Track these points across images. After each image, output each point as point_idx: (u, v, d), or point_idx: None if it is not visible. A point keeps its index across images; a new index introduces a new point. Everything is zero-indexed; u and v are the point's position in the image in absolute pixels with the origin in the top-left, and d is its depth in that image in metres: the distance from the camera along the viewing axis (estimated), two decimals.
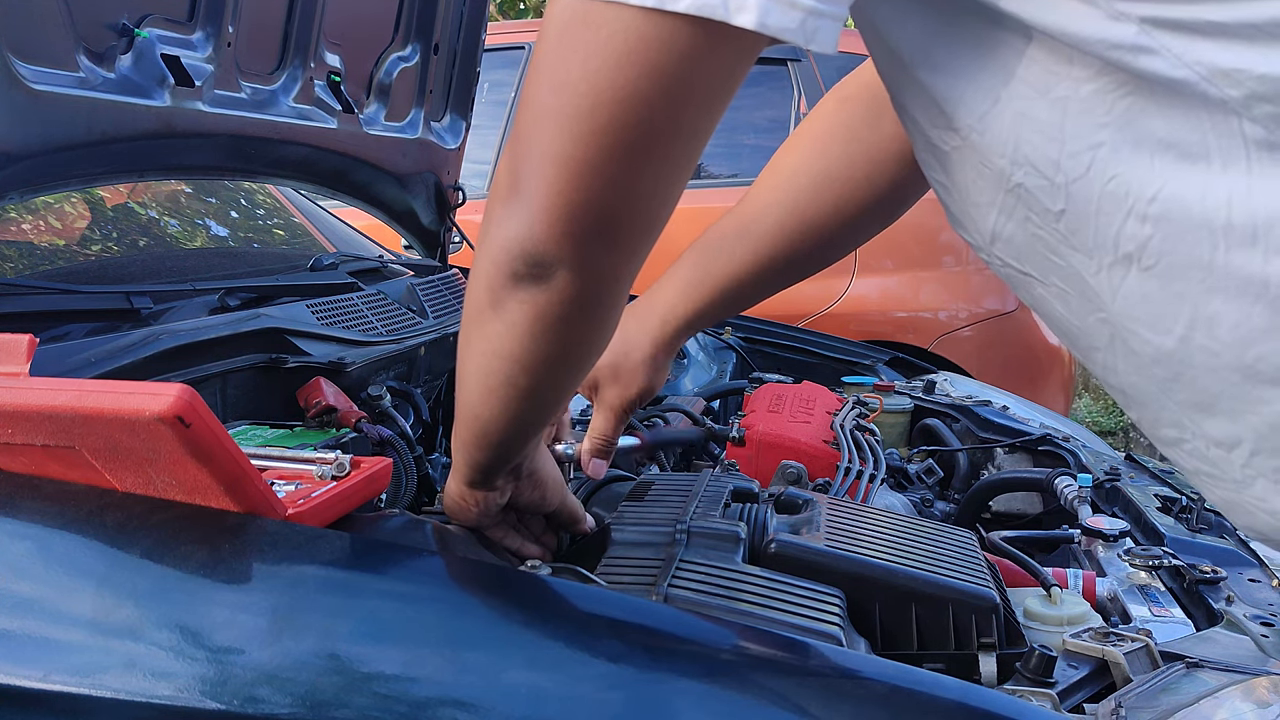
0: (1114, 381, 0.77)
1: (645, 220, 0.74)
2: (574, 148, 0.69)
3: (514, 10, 7.82)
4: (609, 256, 0.76)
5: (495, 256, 0.76)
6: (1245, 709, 0.89)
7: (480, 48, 2.25)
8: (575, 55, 0.67)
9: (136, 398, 0.83)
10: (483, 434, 0.93)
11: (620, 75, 0.66)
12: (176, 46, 1.57)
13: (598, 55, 0.66)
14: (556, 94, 0.68)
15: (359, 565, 0.88)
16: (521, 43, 4.01)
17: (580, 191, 0.70)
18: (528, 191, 0.72)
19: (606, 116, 0.67)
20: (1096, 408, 6.49)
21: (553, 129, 0.69)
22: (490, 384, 0.86)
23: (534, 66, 0.70)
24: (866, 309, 3.62)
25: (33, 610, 0.84)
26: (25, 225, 1.79)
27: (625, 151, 0.69)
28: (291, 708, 0.77)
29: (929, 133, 0.78)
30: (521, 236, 0.73)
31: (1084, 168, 0.68)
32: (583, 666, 0.80)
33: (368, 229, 2.51)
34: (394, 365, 1.73)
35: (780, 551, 1.06)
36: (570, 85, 0.67)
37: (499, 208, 0.75)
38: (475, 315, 0.83)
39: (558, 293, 0.76)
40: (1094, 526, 1.43)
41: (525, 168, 0.72)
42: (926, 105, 0.76)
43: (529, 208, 0.72)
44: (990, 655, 1.01)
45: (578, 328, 0.81)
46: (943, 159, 0.78)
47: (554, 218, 0.72)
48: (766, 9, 0.62)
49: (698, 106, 0.69)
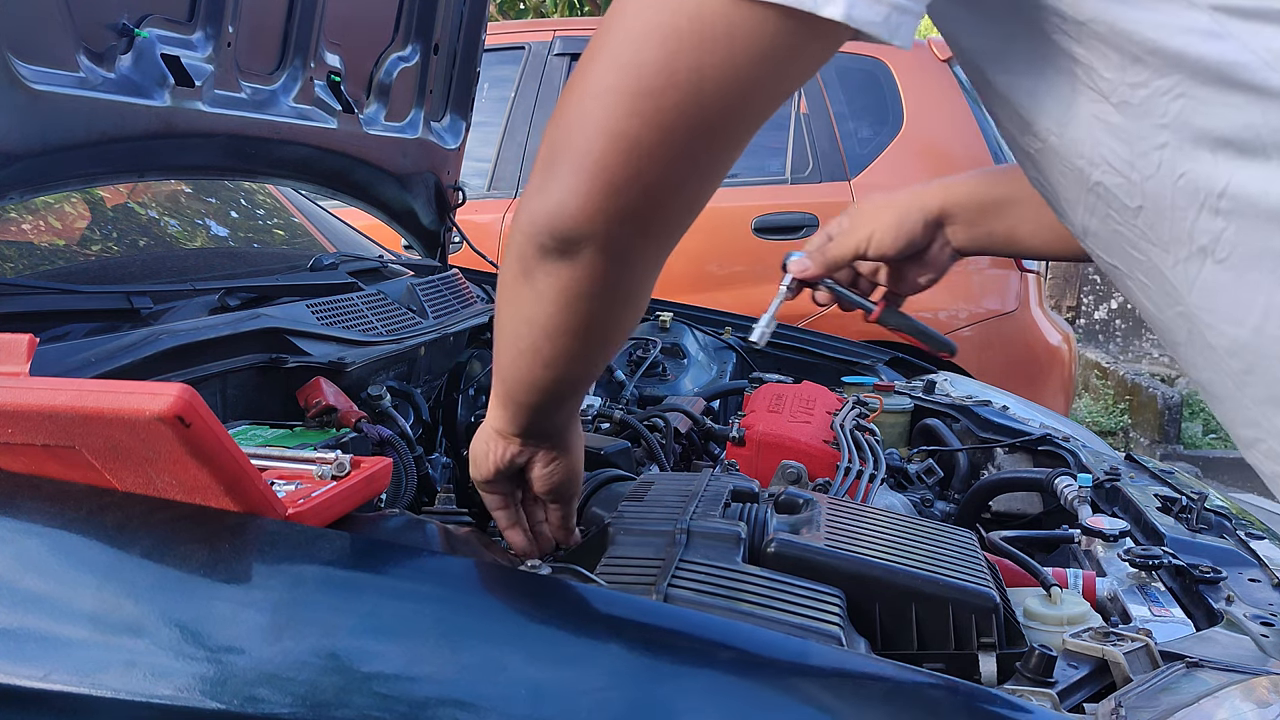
0: (1195, 376, 0.80)
1: (681, 209, 0.75)
2: (632, 125, 0.69)
3: (514, 10, 7.82)
4: (641, 239, 0.76)
5: (525, 227, 0.77)
6: (1245, 709, 0.89)
7: (480, 48, 2.25)
8: (653, 36, 0.67)
9: (136, 397, 0.83)
10: (511, 391, 0.94)
11: (699, 59, 0.66)
12: (176, 46, 1.57)
13: (676, 37, 0.66)
14: (623, 71, 0.68)
15: (359, 565, 0.88)
16: (521, 43, 4.01)
17: (627, 169, 0.70)
18: (568, 165, 0.72)
19: (676, 97, 0.67)
20: (1096, 408, 6.49)
21: (613, 104, 0.69)
22: (519, 347, 0.87)
23: (599, 44, 0.70)
24: None
25: (33, 610, 0.84)
26: (25, 225, 1.79)
27: (685, 135, 0.69)
28: (291, 707, 0.77)
29: (1017, 137, 0.80)
30: (551, 211, 0.74)
31: (1154, 166, 0.71)
32: (583, 666, 0.80)
33: (368, 229, 2.51)
34: (394, 365, 1.73)
35: (780, 551, 1.06)
36: (642, 64, 0.67)
37: (535, 178, 0.75)
38: (509, 279, 0.83)
39: (584, 269, 0.77)
40: (1094, 526, 1.43)
41: (570, 140, 0.72)
42: (1008, 110, 0.79)
43: (567, 182, 0.72)
44: (990, 655, 1.01)
45: (602, 307, 0.82)
46: (1032, 161, 0.81)
47: (594, 194, 0.72)
48: (853, 2, 0.64)
49: (768, 96, 0.70)
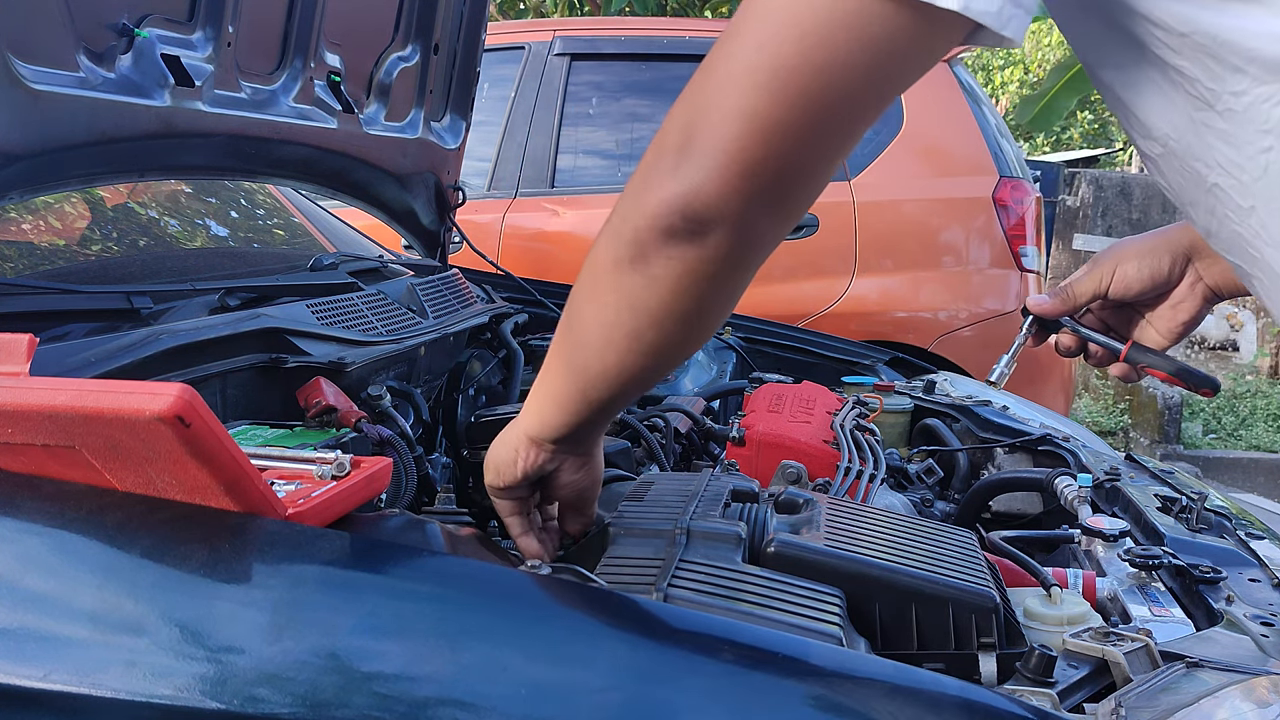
0: None
1: (811, 187, 0.77)
2: (770, 106, 0.71)
3: (514, 10, 7.82)
4: (770, 219, 0.78)
5: (651, 210, 0.78)
6: (1245, 709, 0.89)
7: (480, 48, 2.25)
8: (789, 19, 0.70)
9: (136, 397, 0.83)
10: (586, 388, 0.93)
11: (834, 41, 0.69)
12: (176, 46, 1.57)
13: (812, 20, 0.69)
14: (761, 52, 0.71)
15: (359, 565, 0.88)
16: (521, 43, 4.01)
17: (764, 149, 0.73)
18: (705, 147, 0.74)
19: (810, 79, 0.70)
20: (1096, 408, 6.49)
21: (749, 86, 0.72)
22: (613, 335, 0.87)
23: (735, 32, 0.73)
24: (866, 309, 3.62)
25: (33, 610, 0.84)
26: (25, 225, 1.79)
27: (820, 115, 0.72)
28: (291, 707, 0.77)
29: (1139, 142, 0.83)
30: (687, 192, 0.75)
31: (1261, 169, 0.73)
32: (583, 666, 0.80)
33: (368, 229, 2.51)
34: (394, 365, 1.73)
35: (780, 551, 1.06)
36: (780, 46, 0.70)
37: (661, 162, 0.77)
38: (608, 268, 0.84)
39: (711, 250, 0.78)
40: (1094, 526, 1.43)
41: (706, 122, 0.74)
42: (1127, 115, 0.81)
43: (704, 164, 0.74)
44: (990, 655, 1.01)
45: (720, 288, 0.83)
46: (1155, 164, 0.83)
47: (730, 174, 0.74)
48: None
49: (894, 81, 0.73)
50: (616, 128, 3.99)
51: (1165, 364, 1.13)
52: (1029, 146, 14.71)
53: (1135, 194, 8.28)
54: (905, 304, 3.67)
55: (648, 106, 4.02)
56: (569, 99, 3.95)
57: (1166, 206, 8.16)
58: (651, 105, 4.03)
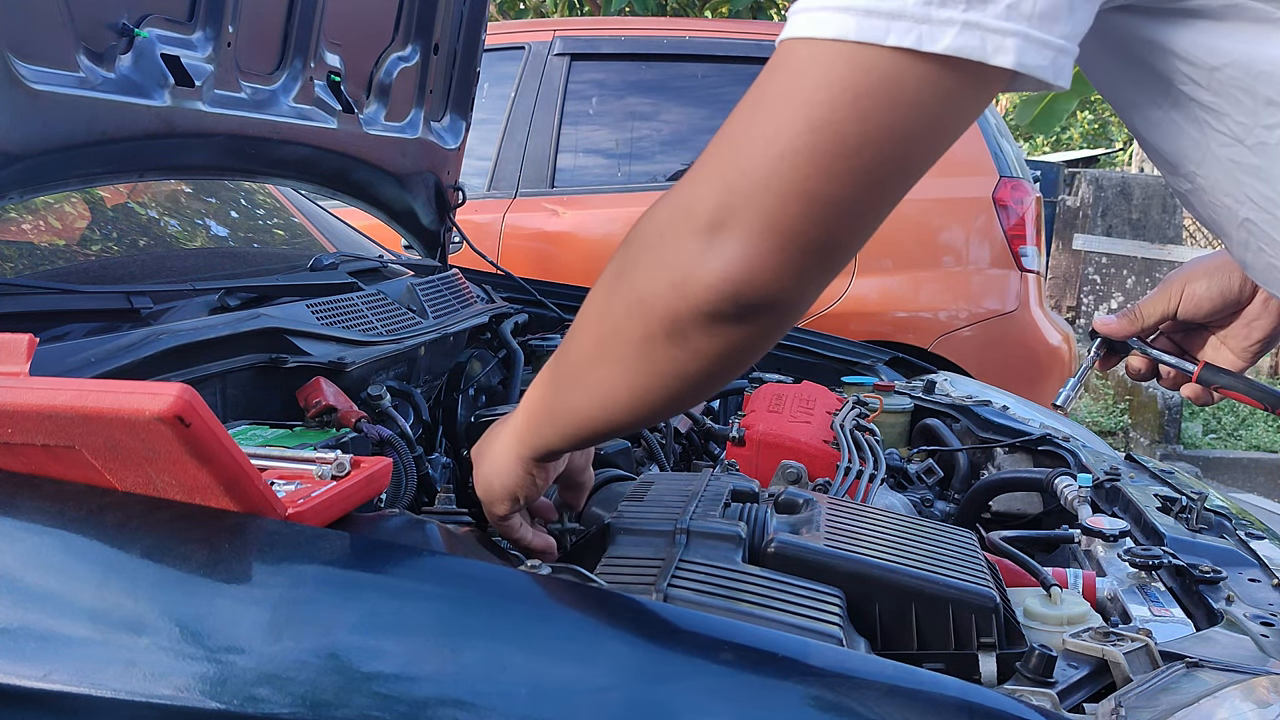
0: None
1: (857, 250, 0.74)
2: (830, 185, 0.68)
3: (514, 10, 7.82)
4: (820, 289, 0.75)
5: (696, 296, 0.73)
6: (1245, 709, 0.89)
7: (480, 48, 2.25)
8: (842, 95, 0.67)
9: (136, 397, 0.83)
10: (600, 429, 0.91)
11: (892, 116, 0.67)
12: (176, 46, 1.57)
13: (869, 96, 0.66)
14: (816, 132, 0.67)
15: (359, 565, 0.88)
16: (521, 43, 4.01)
17: (822, 229, 0.70)
18: (756, 228, 0.70)
19: (871, 154, 0.68)
20: (1096, 408, 6.49)
21: (806, 166, 0.68)
22: (638, 392, 0.83)
23: (777, 101, 0.69)
24: (866, 309, 3.62)
25: (32, 610, 0.84)
26: (25, 225, 1.79)
27: (879, 187, 0.69)
28: (291, 707, 0.77)
29: (1168, 178, 0.82)
30: (737, 278, 0.71)
31: None
32: (583, 666, 0.80)
33: (368, 229, 2.51)
34: (394, 365, 1.73)
35: (780, 551, 1.06)
36: (835, 123, 0.67)
37: (694, 240, 0.72)
38: (637, 341, 0.80)
39: (759, 327, 0.76)
40: (1094, 526, 1.43)
41: (756, 203, 0.70)
42: (1154, 153, 0.81)
43: (757, 246, 0.70)
44: (990, 655, 1.01)
45: (759, 354, 0.81)
46: (1186, 200, 0.83)
47: (788, 257, 0.70)
48: (1023, 49, 0.65)
49: (945, 141, 0.71)
50: (616, 128, 3.99)
51: (1240, 385, 1.10)
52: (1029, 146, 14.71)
53: (1135, 194, 8.28)
54: (905, 304, 3.67)
55: (648, 106, 4.02)
56: (569, 99, 3.95)
57: (1167, 206, 8.16)
58: (651, 105, 4.03)
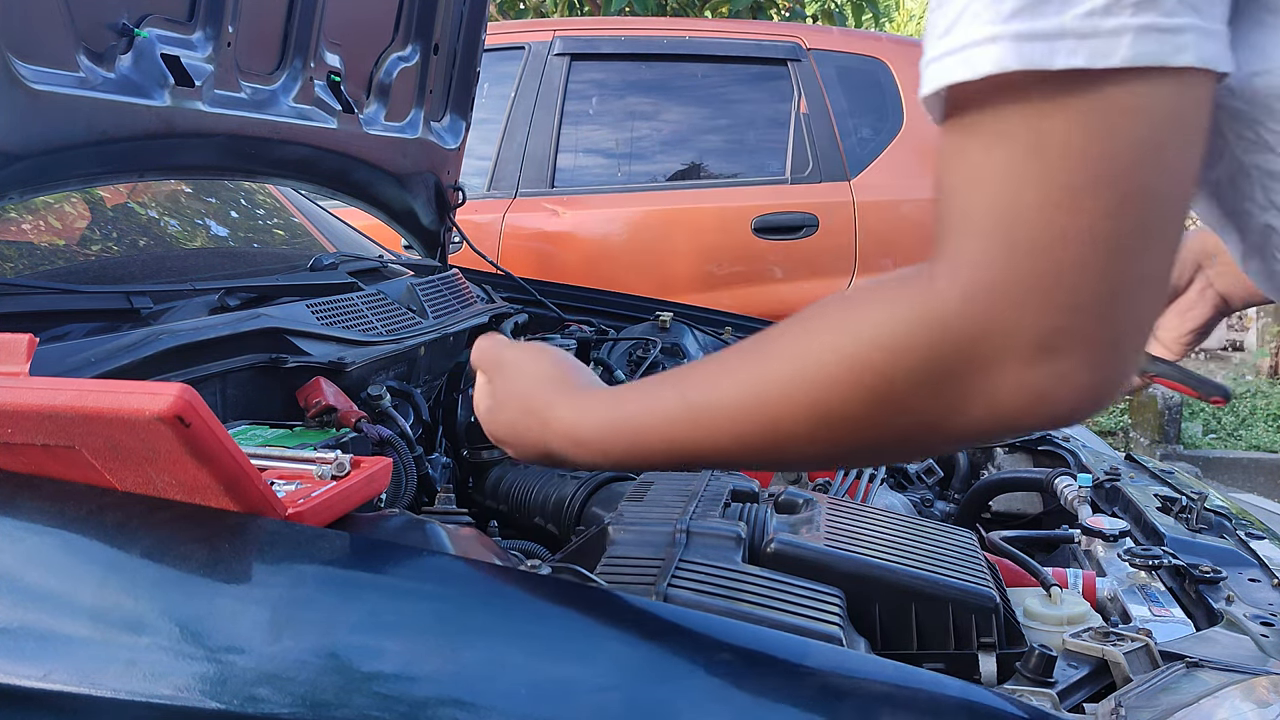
0: None
1: None
2: (1137, 265, 0.57)
3: (514, 10, 7.82)
4: None
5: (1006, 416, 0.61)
6: (1245, 709, 0.89)
7: (480, 48, 2.25)
8: (1104, 148, 0.56)
9: (136, 397, 0.83)
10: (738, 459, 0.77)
11: (1166, 151, 0.57)
12: (176, 46, 1.57)
13: (1137, 139, 0.56)
14: (1097, 197, 0.56)
15: (359, 565, 0.88)
16: (521, 43, 4.01)
17: (1147, 309, 0.60)
18: (1097, 341, 0.59)
19: (1153, 200, 0.57)
20: None
21: (1111, 247, 0.57)
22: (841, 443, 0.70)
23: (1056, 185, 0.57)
24: None
25: (32, 610, 0.84)
26: (25, 225, 1.79)
27: (1165, 237, 0.59)
28: (291, 707, 0.77)
29: None
30: (1082, 401, 0.60)
31: None
32: (583, 666, 0.80)
33: (368, 229, 2.51)
34: (394, 365, 1.73)
35: (780, 551, 1.06)
36: (1114, 181, 0.56)
37: (1026, 371, 0.59)
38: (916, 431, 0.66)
39: None
40: (1094, 526, 1.43)
41: (1086, 313, 0.58)
42: None
43: (1100, 360, 0.59)
44: (990, 655, 1.01)
45: None
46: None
47: (1125, 354, 0.60)
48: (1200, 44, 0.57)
49: (1195, 153, 0.61)
50: (616, 128, 3.99)
51: (1174, 373, 1.09)
52: None
53: None
54: None
55: (648, 106, 4.02)
56: (569, 99, 3.95)
57: None
58: (651, 105, 4.03)
